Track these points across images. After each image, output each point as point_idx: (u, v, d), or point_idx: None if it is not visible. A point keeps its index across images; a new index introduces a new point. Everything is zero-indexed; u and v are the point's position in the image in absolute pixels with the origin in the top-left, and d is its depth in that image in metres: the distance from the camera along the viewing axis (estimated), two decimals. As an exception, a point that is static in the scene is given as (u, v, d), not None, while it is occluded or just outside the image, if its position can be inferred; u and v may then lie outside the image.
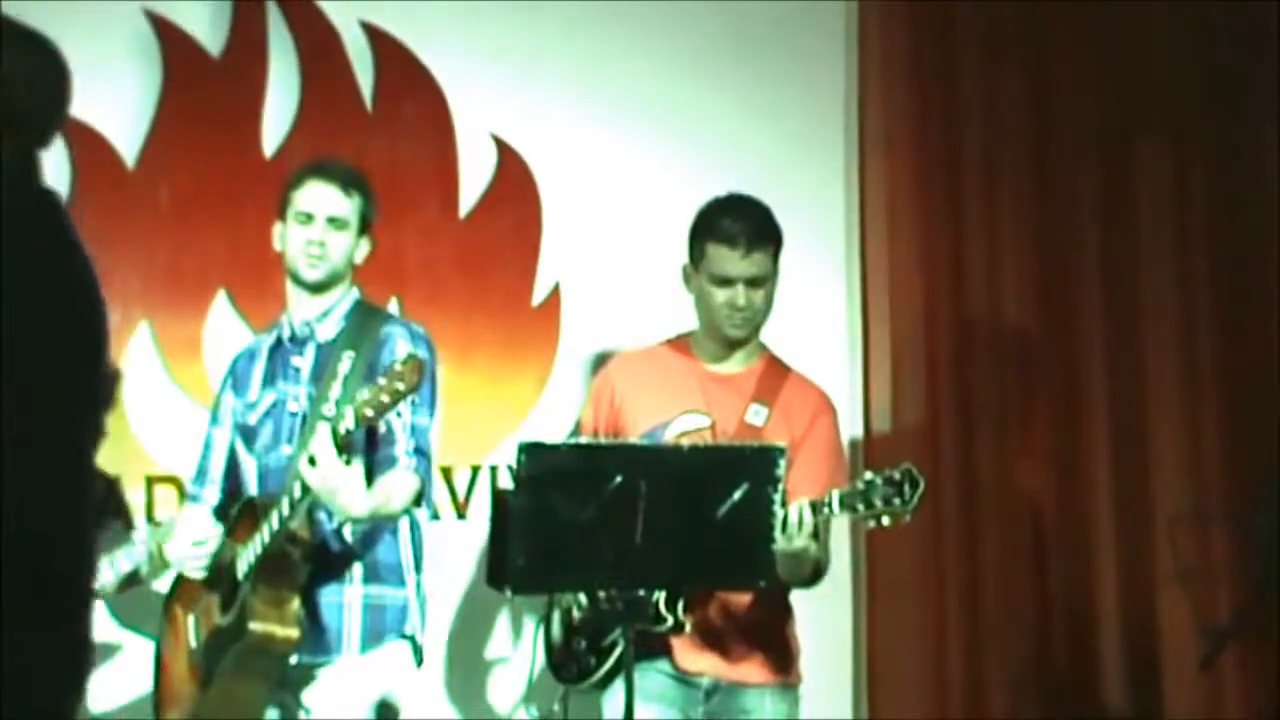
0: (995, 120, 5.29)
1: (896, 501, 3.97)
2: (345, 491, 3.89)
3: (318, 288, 4.21)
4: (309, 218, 4.19)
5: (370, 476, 4.04)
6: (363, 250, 4.27)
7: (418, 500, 4.15)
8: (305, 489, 3.88)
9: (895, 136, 5.27)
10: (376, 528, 4.11)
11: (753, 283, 4.26)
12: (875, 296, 5.27)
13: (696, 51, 5.26)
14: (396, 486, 4.06)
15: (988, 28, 5.28)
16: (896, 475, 3.98)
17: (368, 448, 4.04)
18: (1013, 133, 5.29)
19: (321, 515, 4.05)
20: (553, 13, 5.21)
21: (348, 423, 3.83)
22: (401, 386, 3.81)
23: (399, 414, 3.99)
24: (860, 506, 4.00)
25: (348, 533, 4.09)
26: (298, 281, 4.21)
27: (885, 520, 4.01)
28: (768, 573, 3.96)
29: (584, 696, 4.34)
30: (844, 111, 5.33)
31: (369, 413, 3.82)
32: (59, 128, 2.70)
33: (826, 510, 4.03)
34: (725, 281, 4.25)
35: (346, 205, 4.21)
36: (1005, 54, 5.30)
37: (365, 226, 4.26)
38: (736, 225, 4.25)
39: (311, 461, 3.85)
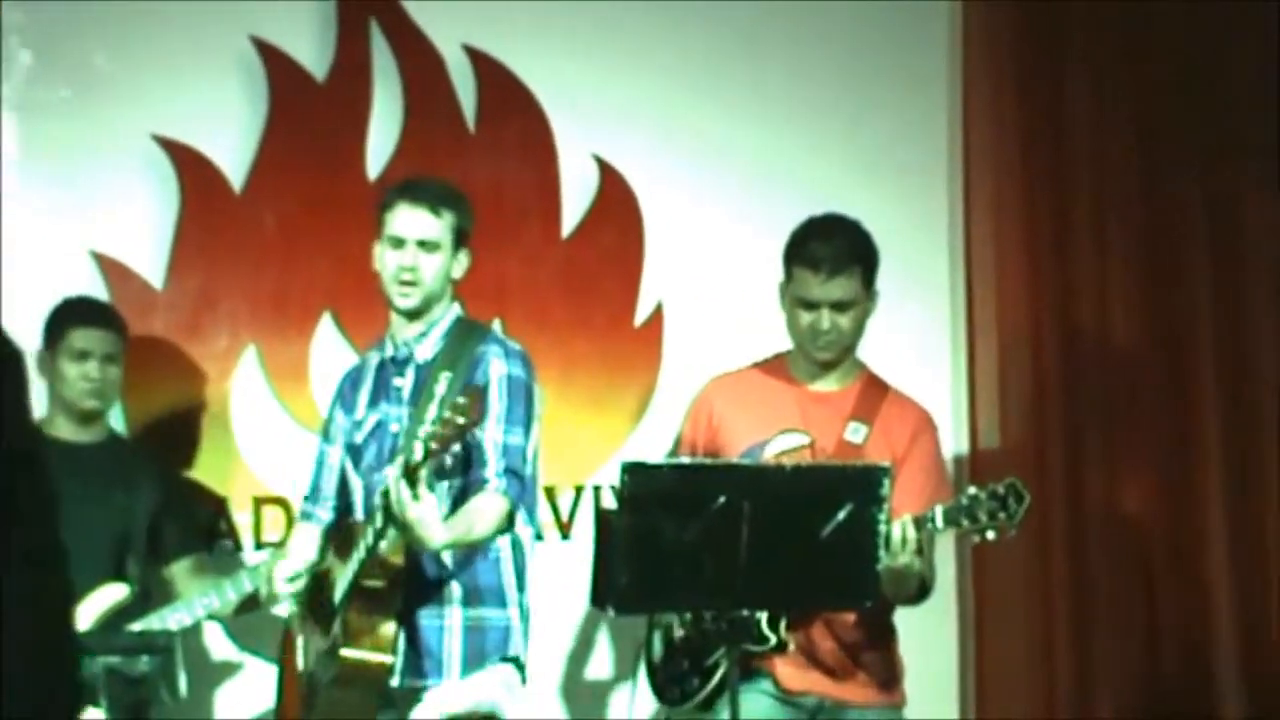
0: (1103, 137, 5.25)
1: (1001, 516, 3.98)
2: (421, 524, 3.89)
3: (413, 314, 4.23)
4: (400, 242, 4.18)
5: (463, 498, 4.09)
6: (461, 265, 4.25)
7: (509, 522, 4.15)
8: (385, 521, 3.91)
9: (1001, 153, 5.25)
10: (475, 550, 4.12)
11: (837, 306, 4.27)
12: (981, 312, 5.24)
13: (800, 68, 5.26)
14: (481, 512, 4.05)
15: (1095, 47, 5.25)
16: (1001, 489, 3.99)
17: (462, 470, 4.08)
18: (1120, 149, 5.25)
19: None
20: (654, 33, 5.24)
21: (416, 456, 3.83)
22: (462, 420, 3.81)
23: (480, 435, 4.01)
24: (964, 521, 4.02)
25: (447, 556, 4.10)
26: (391, 305, 4.23)
27: (990, 535, 4.02)
28: (873, 593, 3.95)
29: (687, 718, 4.34)
30: (948, 128, 5.30)
31: (434, 446, 3.82)
32: None
33: (930, 525, 4.04)
34: (809, 305, 4.27)
35: (437, 226, 4.19)
36: (1113, 72, 5.26)
37: (461, 241, 4.23)
38: (821, 249, 4.26)
39: (385, 494, 3.89)
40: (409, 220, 4.17)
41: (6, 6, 5.04)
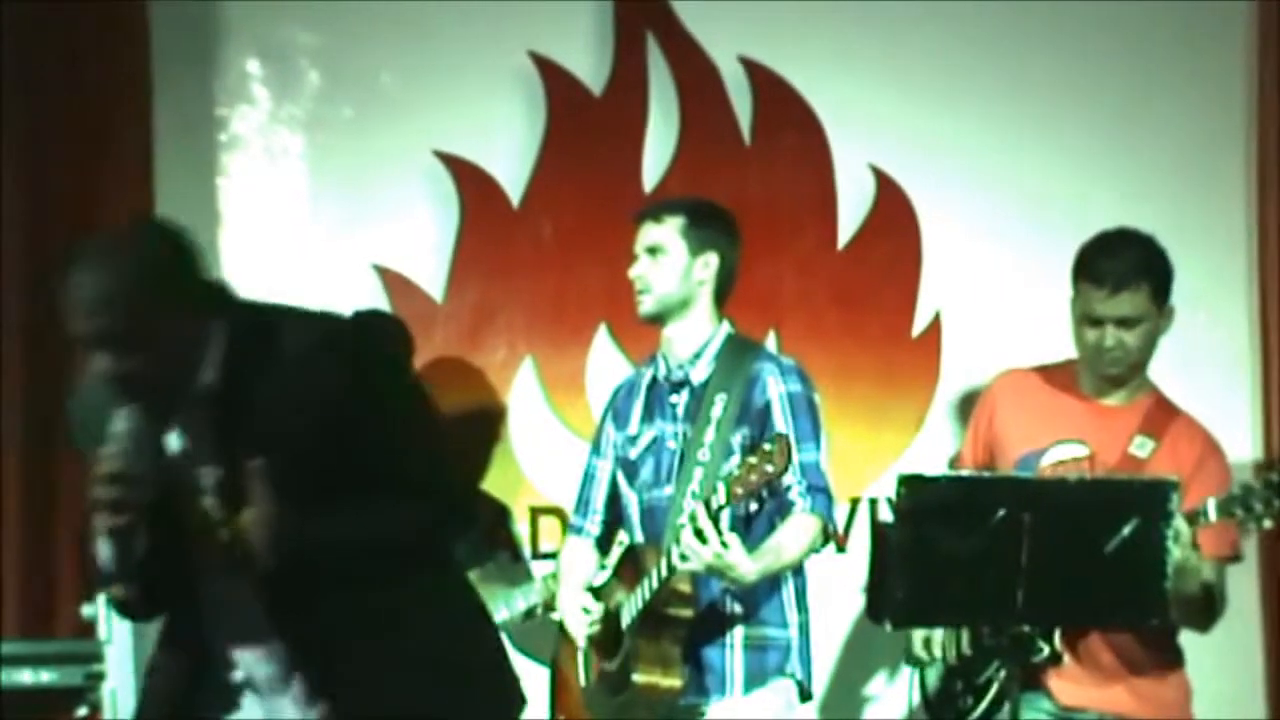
0: None
1: (1278, 503, 3.94)
2: (732, 568, 3.97)
3: (658, 318, 4.26)
4: (635, 258, 4.27)
5: (771, 524, 4.15)
6: (708, 265, 4.24)
7: (825, 537, 4.21)
8: (682, 559, 3.98)
9: None
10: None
11: (1122, 323, 4.22)
12: (1274, 328, 5.16)
13: (1084, 73, 5.22)
14: (791, 537, 4.11)
15: None
16: (1276, 476, 3.95)
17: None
18: None
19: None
20: (930, 43, 5.22)
21: (719, 499, 3.92)
22: (770, 469, 3.88)
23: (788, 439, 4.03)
24: (1238, 510, 3.98)
25: None
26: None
27: (1267, 523, 3.97)
28: (1161, 611, 3.85)
29: None
30: (1244, 135, 5.22)
31: (739, 490, 3.90)
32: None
33: (1203, 519, 3.99)
34: (1094, 321, 4.24)
35: (660, 231, 4.23)
36: None
37: (700, 245, 4.23)
38: (1106, 264, 4.23)
39: (700, 538, 3.93)
40: (640, 237, 4.27)
41: (297, 30, 5.23)
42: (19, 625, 4.98)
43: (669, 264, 4.23)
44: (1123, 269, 4.20)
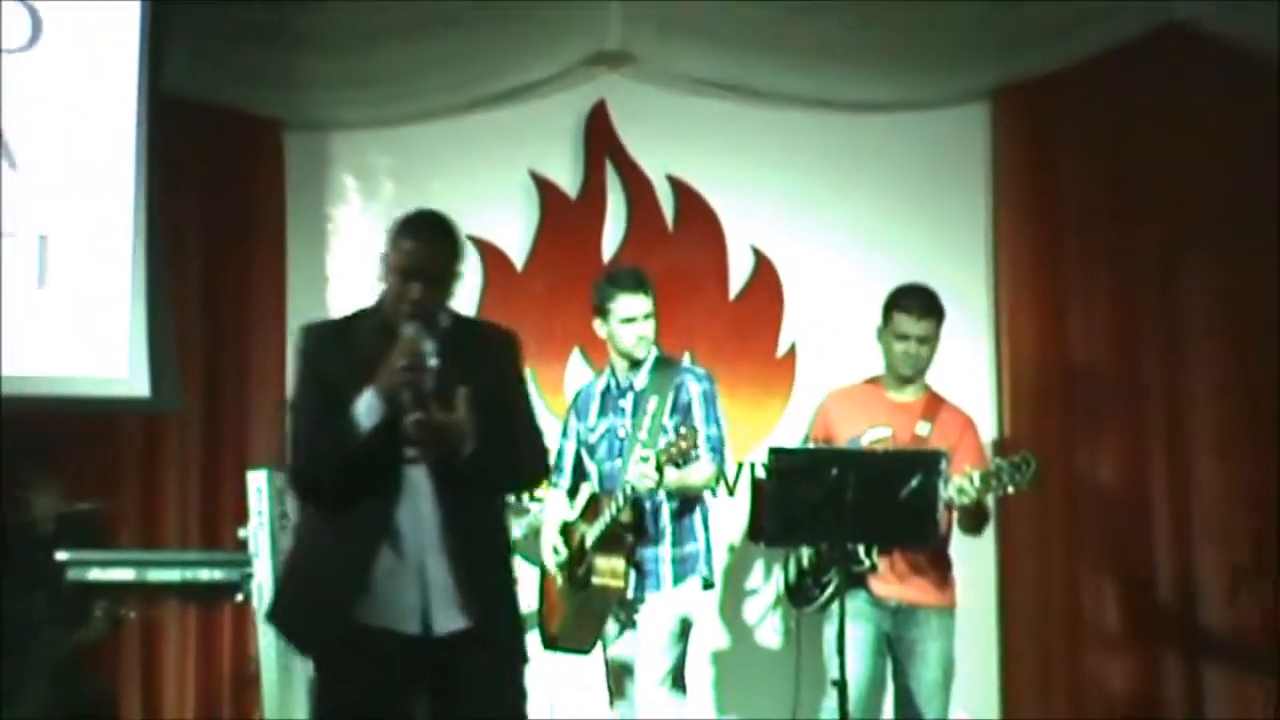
0: (1091, 229, 5.46)
1: (1018, 477, 4.30)
2: (660, 489, 4.35)
3: (644, 358, 4.56)
4: (631, 319, 4.53)
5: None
6: (656, 318, 4.54)
7: (719, 479, 4.51)
8: (627, 497, 4.35)
9: (1020, 248, 5.43)
10: (683, 508, 4.54)
11: (921, 340, 4.65)
12: (1005, 348, 5.46)
13: (881, 180, 5.51)
14: (695, 470, 4.48)
15: (1084, 140, 5.45)
16: (1017, 459, 4.33)
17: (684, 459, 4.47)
18: (1103, 226, 5.41)
19: (645, 505, 4.47)
20: (793, 163, 5.49)
21: (654, 462, 4.25)
22: (685, 444, 4.30)
23: (697, 430, 4.42)
24: (993, 482, 4.35)
25: (665, 514, 4.54)
26: (624, 356, 4.60)
27: (1011, 489, 4.31)
28: (934, 536, 4.35)
29: (811, 617, 4.62)
30: (986, 224, 5.50)
31: (665, 459, 4.29)
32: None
33: (970, 483, 4.36)
34: (903, 338, 4.66)
35: (648, 301, 4.58)
36: (1100, 177, 5.47)
37: (655, 304, 4.55)
38: (913, 301, 4.69)
39: (632, 488, 4.30)
40: (634, 304, 4.56)
41: (378, 156, 5.40)
42: (200, 540, 5.16)
43: (653, 322, 4.53)
44: (924, 304, 4.61)
